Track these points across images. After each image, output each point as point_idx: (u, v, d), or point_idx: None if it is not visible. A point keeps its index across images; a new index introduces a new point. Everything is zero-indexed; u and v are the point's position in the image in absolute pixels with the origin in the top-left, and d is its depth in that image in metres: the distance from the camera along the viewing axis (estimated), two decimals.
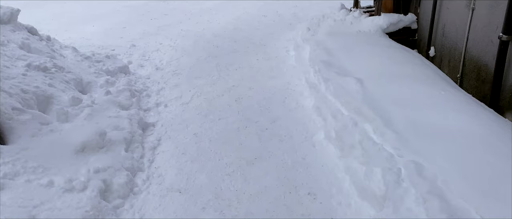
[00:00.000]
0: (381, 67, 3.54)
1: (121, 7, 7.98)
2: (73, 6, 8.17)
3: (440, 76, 3.55)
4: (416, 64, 3.59)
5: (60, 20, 7.15)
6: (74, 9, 7.91)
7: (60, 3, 8.42)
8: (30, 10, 7.75)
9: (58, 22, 7.02)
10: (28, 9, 7.86)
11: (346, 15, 5.35)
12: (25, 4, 8.16)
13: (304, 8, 7.97)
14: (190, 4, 8.21)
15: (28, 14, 7.36)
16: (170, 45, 5.79)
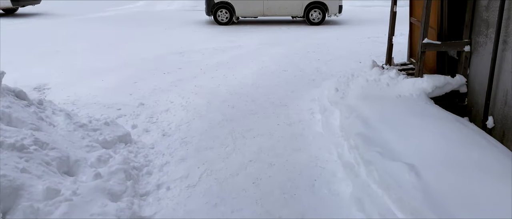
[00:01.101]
0: (437, 149, 2.82)
1: (135, 59, 7.52)
2: (87, 57, 7.75)
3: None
4: (483, 146, 2.87)
5: (70, 73, 6.69)
6: (87, 60, 7.47)
7: (74, 54, 8.03)
8: (43, 61, 7.38)
9: (67, 75, 6.55)
10: (42, 59, 7.49)
11: (380, 75, 4.70)
12: (40, 55, 7.84)
13: (327, 61, 7.38)
14: (206, 57, 7.71)
15: (40, 65, 7.08)
16: (182, 104, 5.19)
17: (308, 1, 11.86)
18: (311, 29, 11.29)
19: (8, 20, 12.69)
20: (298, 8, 11.94)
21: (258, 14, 12.09)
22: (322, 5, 11.91)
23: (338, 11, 12.07)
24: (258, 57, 7.73)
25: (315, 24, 12.03)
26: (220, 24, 12.02)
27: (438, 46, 4.27)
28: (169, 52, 8.09)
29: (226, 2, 11.85)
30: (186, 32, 10.79)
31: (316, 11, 11.99)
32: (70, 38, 9.72)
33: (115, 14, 14.55)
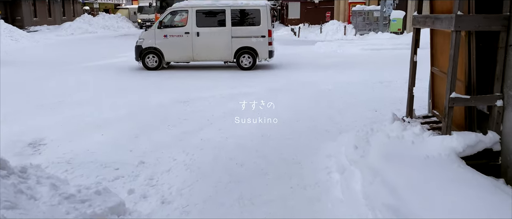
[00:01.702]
0: None
1: (138, 109, 7.19)
2: (88, 108, 7.43)
3: None
4: None
5: (69, 126, 6.34)
6: (88, 111, 7.15)
7: (76, 104, 7.73)
8: (44, 112, 7.06)
9: (66, 129, 6.21)
10: (43, 111, 7.17)
11: (402, 130, 4.27)
12: (41, 105, 7.53)
13: (341, 110, 6.99)
14: (213, 106, 7.36)
15: (40, 117, 6.76)
16: (185, 162, 4.78)
17: (237, 46, 11.70)
18: (323, 72, 10.99)
19: (7, 68, 12.58)
20: (228, 53, 11.78)
21: (188, 59, 11.98)
22: (252, 50, 11.73)
23: (268, 56, 11.83)
24: (268, 105, 7.37)
25: (246, 69, 11.81)
26: (149, 69, 11.81)
27: (467, 100, 3.85)
28: (173, 101, 7.76)
29: (154, 47, 11.73)
30: (189, 78, 10.54)
31: (246, 56, 11.80)
32: (73, 87, 9.48)
33: (123, 60, 14.45)
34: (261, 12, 11.61)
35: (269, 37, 11.64)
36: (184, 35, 11.64)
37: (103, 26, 30.42)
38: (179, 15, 11.83)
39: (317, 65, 12.72)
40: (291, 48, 18.16)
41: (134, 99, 8.02)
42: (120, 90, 9.05)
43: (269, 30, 11.65)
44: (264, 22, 11.60)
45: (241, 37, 11.65)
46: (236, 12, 11.66)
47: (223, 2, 11.88)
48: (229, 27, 11.63)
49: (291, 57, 15.01)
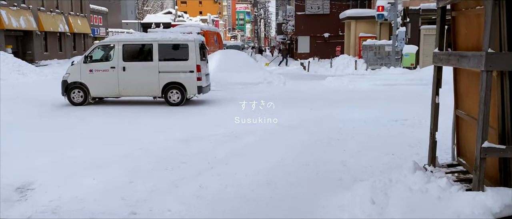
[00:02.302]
0: None
1: (134, 150, 6.74)
2: (84, 148, 7.02)
3: None
4: None
5: (61, 168, 5.91)
6: (83, 152, 6.73)
7: (71, 144, 7.34)
8: (38, 152, 6.64)
9: (58, 171, 5.78)
10: (37, 150, 6.74)
11: (426, 182, 3.74)
12: (36, 145, 7.12)
13: (355, 153, 6.46)
14: (215, 146, 6.89)
15: (33, 158, 6.33)
16: (181, 213, 4.28)
17: (165, 81, 11.38)
18: (334, 109, 10.52)
19: (8, 103, 12.32)
20: (155, 88, 11.45)
21: (114, 95, 11.74)
22: (181, 86, 11.43)
23: (198, 92, 11.57)
24: (274, 145, 6.90)
25: (175, 105, 11.47)
26: (75, 105, 11.56)
27: (502, 151, 3.34)
28: (172, 139, 7.30)
29: (80, 82, 11.50)
30: (192, 114, 10.14)
31: (174, 92, 11.50)
32: (72, 125, 9.12)
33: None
34: (189, 47, 11.36)
35: (198, 72, 11.38)
36: (110, 69, 11.41)
37: None
38: (105, 49, 11.65)
39: (327, 101, 12.28)
40: (300, 83, 17.81)
41: (135, 137, 7.59)
42: (120, 127, 8.66)
43: (197, 65, 11.38)
44: (192, 57, 11.35)
45: (168, 72, 11.37)
46: (164, 47, 11.40)
47: (152, 36, 11.82)
48: (157, 62, 11.35)
49: (301, 92, 14.62)
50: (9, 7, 29.48)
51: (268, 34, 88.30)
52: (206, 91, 12.03)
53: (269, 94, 13.92)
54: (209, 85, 12.43)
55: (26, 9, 31.84)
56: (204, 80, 11.75)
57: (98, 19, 48.31)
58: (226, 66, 17.24)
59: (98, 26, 48.00)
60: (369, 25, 28.37)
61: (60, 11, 37.25)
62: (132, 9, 73.96)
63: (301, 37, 38.42)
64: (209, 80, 12.46)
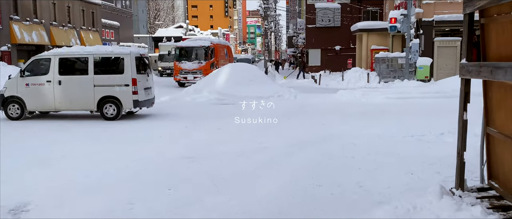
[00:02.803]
0: None
1: (138, 167, 6.36)
2: (85, 165, 6.70)
3: None
4: None
5: (59, 188, 5.59)
6: (84, 169, 6.39)
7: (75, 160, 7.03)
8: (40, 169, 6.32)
9: (55, 192, 5.47)
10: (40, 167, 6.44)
11: (456, 210, 3.31)
12: (41, 161, 6.79)
13: (371, 172, 6.02)
14: (224, 165, 6.50)
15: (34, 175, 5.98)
16: None
17: (100, 95, 11.19)
18: (347, 123, 10.09)
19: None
20: (91, 102, 11.27)
21: (50, 109, 11.63)
22: (116, 100, 11.22)
23: (134, 106, 11.39)
24: (285, 164, 6.48)
25: (110, 119, 11.26)
26: (11, 119, 11.38)
27: None
28: (180, 157, 6.92)
29: (16, 96, 11.37)
30: (206, 130, 9.77)
31: (109, 106, 11.29)
32: (80, 140, 8.82)
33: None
34: (125, 60, 11.21)
35: (133, 86, 11.20)
36: (45, 83, 11.27)
37: None
38: (42, 63, 11.44)
39: (340, 115, 11.85)
40: (312, 96, 17.39)
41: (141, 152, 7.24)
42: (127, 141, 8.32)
43: (133, 78, 11.20)
44: (128, 70, 11.18)
45: (104, 85, 11.19)
46: (100, 60, 11.31)
47: (88, 49, 11.68)
48: (92, 76, 11.18)
49: (312, 106, 14.21)
50: (22, 22, 29.72)
51: (278, 47, 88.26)
52: (145, 105, 11.90)
53: (279, 108, 13.54)
54: (151, 100, 12.30)
55: (39, 24, 32.08)
56: (143, 93, 11.60)
57: (110, 33, 48.67)
58: (235, 79, 16.92)
59: (110, 40, 48.32)
60: (381, 38, 27.95)
61: (72, 26, 37.52)
62: (144, 23, 74.68)
63: (312, 50, 38.10)
64: (151, 94, 12.31)
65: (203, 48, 23.45)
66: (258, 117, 11.68)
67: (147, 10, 77.75)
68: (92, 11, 41.59)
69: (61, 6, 35.63)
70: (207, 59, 23.28)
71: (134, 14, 63.73)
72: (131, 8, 60.32)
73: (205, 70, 22.56)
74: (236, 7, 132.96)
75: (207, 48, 23.43)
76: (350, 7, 35.98)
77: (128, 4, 58.59)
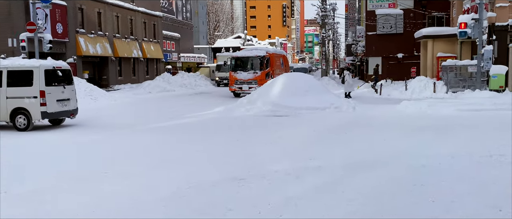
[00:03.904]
0: None
1: (181, 190, 5.87)
2: (126, 185, 6.34)
3: None
4: None
5: (97, 213, 5.21)
6: (124, 191, 6.04)
7: (115, 180, 6.71)
8: (77, 191, 5.99)
9: (89, 215, 5.07)
10: (76, 189, 6.00)
11: None
12: (77, 181, 6.14)
13: (448, 204, 5.13)
14: (273, 188, 5.83)
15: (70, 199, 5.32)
16: None
17: (13, 106, 11.62)
18: (413, 140, 9.09)
19: (68, 130, 12.20)
20: (4, 113, 11.69)
21: None
22: (26, 111, 11.58)
23: (41, 117, 11.68)
24: (344, 191, 5.69)
25: (22, 130, 11.60)
26: None
27: None
28: (225, 178, 6.35)
29: None
30: (257, 144, 9.20)
31: (20, 118, 11.65)
32: (125, 155, 8.58)
33: (190, 121, 13.68)
34: (34, 73, 11.58)
35: (41, 98, 11.53)
36: None
37: (181, 84, 30.86)
38: None
39: (404, 130, 10.81)
40: (372, 107, 16.34)
41: (184, 173, 6.79)
42: (173, 160, 7.94)
43: (41, 90, 11.54)
44: (36, 82, 11.56)
45: (15, 97, 11.64)
46: (12, 73, 11.70)
47: (4, 63, 12.14)
48: (5, 88, 11.65)
49: (373, 119, 13.21)
50: (87, 34, 31.09)
51: (337, 55, 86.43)
52: (57, 117, 12.27)
53: (336, 121, 12.71)
54: (68, 111, 12.49)
55: (103, 36, 33.43)
56: (55, 105, 11.91)
57: (171, 44, 49.93)
58: (290, 90, 16.27)
59: (171, 51, 49.58)
60: (448, 44, 26.05)
61: (134, 38, 38.82)
62: (204, 34, 76.33)
63: (372, 58, 36.50)
64: (69, 106, 12.50)
65: (258, 58, 23.11)
66: (313, 130, 10.96)
67: (207, 21, 79.45)
68: (153, 23, 42.85)
69: (124, 19, 36.98)
70: (262, 69, 22.88)
71: (195, 26, 65.18)
72: (191, 20, 61.74)
73: (260, 80, 22.16)
74: (294, 16, 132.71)
75: (263, 57, 23.06)
76: (414, 12, 34.13)
77: (189, 16, 60.01)
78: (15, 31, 23.88)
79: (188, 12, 59.68)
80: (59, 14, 26.89)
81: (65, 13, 27.68)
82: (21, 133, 11.40)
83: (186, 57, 54.59)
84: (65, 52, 28.21)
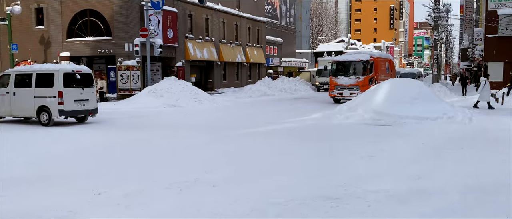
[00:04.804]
0: None
1: (266, 211, 5.48)
2: (214, 195, 6.13)
3: None
4: None
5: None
6: (211, 201, 5.81)
7: (204, 189, 6.57)
8: (163, 200, 5.95)
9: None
10: (163, 196, 5.94)
11: None
12: (166, 189, 6.07)
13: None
14: (371, 212, 5.15)
15: (155, 207, 5.29)
16: None
17: (38, 104, 13.46)
18: None
19: (167, 131, 12.48)
20: (32, 109, 13.60)
21: (8, 114, 14.16)
22: (47, 108, 13.36)
23: (59, 115, 13.28)
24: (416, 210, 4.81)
25: (45, 125, 13.40)
26: None
27: None
28: (317, 195, 5.78)
29: None
30: (355, 156, 8.47)
31: (43, 114, 13.48)
32: (217, 160, 8.48)
33: (287, 127, 13.35)
34: (55, 75, 13.36)
35: (59, 97, 13.20)
36: (6, 94, 14.05)
37: (281, 89, 30.82)
38: (5, 78, 14.31)
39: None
40: (492, 120, 14.41)
41: (274, 185, 6.41)
42: (264, 170, 7.61)
43: (59, 91, 13.21)
44: (56, 84, 13.27)
45: (40, 96, 13.46)
46: (39, 76, 13.59)
47: (34, 67, 14.32)
48: (34, 88, 13.58)
49: (493, 132, 11.53)
50: (195, 40, 32.65)
51: (450, 60, 79.90)
52: (74, 115, 13.87)
53: (449, 133, 11.35)
54: (87, 110, 14.03)
55: (209, 41, 34.86)
56: (72, 104, 13.51)
57: (273, 49, 50.47)
58: (396, 97, 15.03)
59: (273, 56, 50.12)
60: None
61: (238, 43, 39.91)
62: (307, 39, 76.02)
63: (492, 63, 32.77)
64: (87, 105, 14.02)
65: (361, 62, 21.99)
66: (421, 143, 9.87)
67: (310, 25, 79.02)
68: (257, 29, 43.66)
69: (229, 25, 38.21)
70: (365, 74, 21.72)
71: (297, 30, 65.18)
72: (295, 24, 61.82)
73: (362, 85, 21.04)
74: (402, 18, 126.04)
75: (366, 62, 21.89)
76: None
77: (292, 21, 60.17)
78: (131, 37, 25.89)
79: (291, 17, 59.84)
80: (170, 20, 28.56)
81: (175, 19, 29.33)
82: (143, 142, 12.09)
83: (287, 61, 54.74)
84: (175, 56, 29.87)
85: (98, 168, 7.76)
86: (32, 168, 7.69)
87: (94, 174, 7.25)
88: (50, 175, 7.15)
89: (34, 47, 27.78)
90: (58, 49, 27.13)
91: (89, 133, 12.11)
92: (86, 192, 6.06)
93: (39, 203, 5.61)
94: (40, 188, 6.35)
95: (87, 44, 27.26)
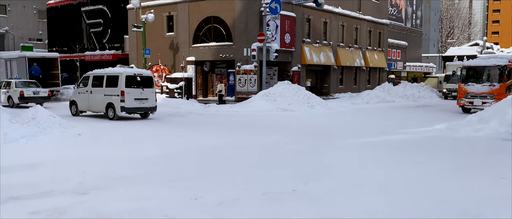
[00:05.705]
0: None
1: None
2: (313, 208, 5.75)
3: None
4: None
5: None
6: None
7: (300, 201, 6.22)
8: (254, 211, 5.76)
9: None
10: (259, 206, 5.75)
11: None
12: (260, 198, 5.97)
13: None
14: None
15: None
16: None
17: (107, 101, 15.95)
18: None
19: (273, 137, 12.25)
20: (102, 106, 16.20)
21: (86, 109, 16.97)
22: (113, 105, 15.75)
23: (120, 110, 15.69)
24: None
25: (111, 119, 15.85)
26: (73, 116, 17.06)
27: None
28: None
29: (73, 100, 17.51)
30: (482, 180, 7.26)
31: (111, 110, 15.88)
32: (318, 170, 8.02)
33: (403, 138, 12.29)
34: (119, 77, 15.82)
35: (121, 96, 15.55)
36: (85, 92, 16.90)
37: (402, 95, 28.85)
38: (86, 79, 17.09)
39: None
40: None
41: (373, 204, 5.76)
42: (368, 187, 6.95)
43: (122, 90, 15.56)
44: (120, 84, 15.69)
45: (108, 95, 15.98)
46: (109, 77, 16.18)
47: (106, 70, 16.89)
48: (104, 88, 16.19)
49: None
50: (312, 44, 32.37)
51: None
52: (133, 111, 16.29)
53: None
54: (146, 108, 16.33)
55: (327, 45, 34.26)
56: (132, 102, 15.79)
57: (396, 53, 47.80)
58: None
59: (396, 60, 47.49)
60: None
61: (358, 46, 38.55)
62: (435, 42, 70.70)
63: None
64: (147, 104, 16.25)
65: (497, 67, 19.39)
66: None
67: (440, 28, 73.28)
68: (379, 31, 41.70)
69: (349, 28, 37.09)
70: (502, 81, 19.11)
71: (424, 33, 60.87)
72: (421, 27, 57.83)
73: (497, 94, 18.52)
74: None
75: (503, 67, 19.25)
76: None
77: (418, 23, 56.38)
78: (250, 42, 26.63)
79: (418, 19, 56.04)
80: (288, 25, 28.73)
81: (293, 23, 29.40)
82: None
83: (412, 66, 51.36)
84: (291, 61, 29.95)
85: (201, 171, 7.91)
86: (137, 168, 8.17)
87: (195, 177, 7.39)
88: (151, 174, 7.49)
89: (164, 52, 30.25)
90: (184, 54, 29.13)
91: (198, 137, 12.59)
92: (186, 195, 6.15)
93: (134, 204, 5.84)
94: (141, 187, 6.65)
95: (210, 49, 28.79)
